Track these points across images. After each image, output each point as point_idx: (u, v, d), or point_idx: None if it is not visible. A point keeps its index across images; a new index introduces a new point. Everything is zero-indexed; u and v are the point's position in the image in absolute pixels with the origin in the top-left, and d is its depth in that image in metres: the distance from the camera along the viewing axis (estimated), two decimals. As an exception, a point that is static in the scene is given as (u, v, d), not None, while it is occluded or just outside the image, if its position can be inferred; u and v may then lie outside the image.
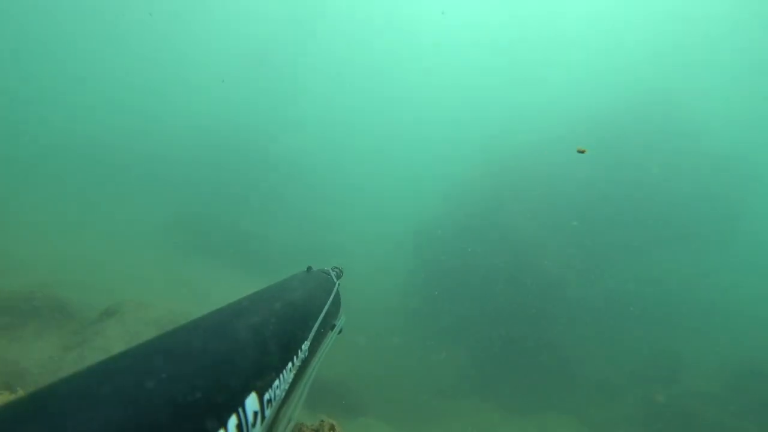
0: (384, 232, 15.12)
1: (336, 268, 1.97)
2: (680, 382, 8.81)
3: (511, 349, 8.81)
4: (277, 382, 0.98)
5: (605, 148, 11.39)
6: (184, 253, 11.63)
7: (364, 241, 14.58)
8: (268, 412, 0.91)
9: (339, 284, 1.77)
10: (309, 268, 1.75)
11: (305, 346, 1.17)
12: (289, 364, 1.06)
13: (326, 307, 1.43)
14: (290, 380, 1.05)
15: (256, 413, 0.85)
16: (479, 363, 8.92)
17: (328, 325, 1.47)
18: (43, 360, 4.70)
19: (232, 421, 0.75)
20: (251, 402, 0.83)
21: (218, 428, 0.70)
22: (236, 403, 0.78)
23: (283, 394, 1.01)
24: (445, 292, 10.10)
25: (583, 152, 8.04)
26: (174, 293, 8.40)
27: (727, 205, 11.36)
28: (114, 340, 5.02)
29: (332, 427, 1.46)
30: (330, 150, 23.79)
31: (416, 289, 10.90)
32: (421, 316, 10.30)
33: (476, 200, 11.69)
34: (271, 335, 1.01)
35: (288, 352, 1.07)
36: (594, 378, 8.62)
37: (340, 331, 1.57)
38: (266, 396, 0.91)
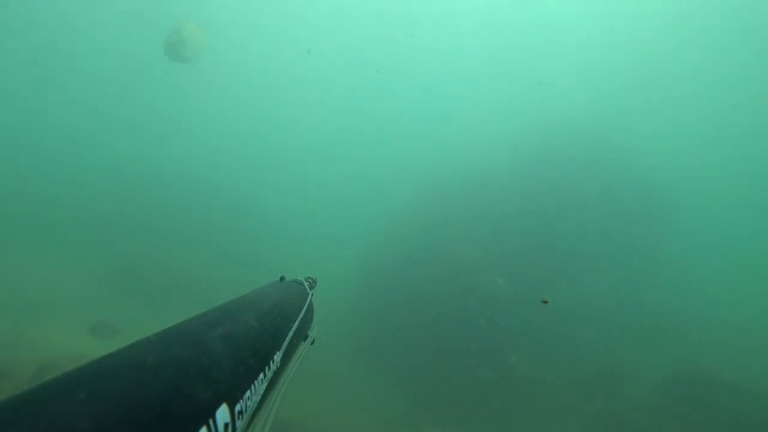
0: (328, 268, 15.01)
1: (310, 278, 1.94)
2: (620, 391, 9.14)
3: (455, 365, 8.90)
4: (248, 393, 0.96)
5: (541, 173, 12.10)
6: (118, 297, 11.01)
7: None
8: (239, 424, 0.89)
9: (313, 294, 1.74)
10: (282, 278, 1.72)
11: (277, 356, 1.15)
12: (261, 375, 1.04)
13: (299, 318, 1.41)
14: (262, 391, 1.03)
15: (227, 425, 0.83)
16: (426, 387, 8.97)
17: (301, 336, 1.45)
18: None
19: None
20: (222, 413, 0.82)
21: None
22: (207, 415, 0.77)
23: (255, 405, 0.99)
24: (390, 322, 10.11)
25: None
26: (109, 342, 7.90)
27: (655, 219, 12.35)
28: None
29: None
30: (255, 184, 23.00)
31: (363, 322, 10.83)
32: (368, 352, 10.24)
33: (417, 229, 11.86)
34: (243, 345, 1.00)
35: (260, 362, 1.06)
36: (537, 392, 8.84)
37: (313, 342, 1.56)
38: (237, 407, 0.89)
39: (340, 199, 23.99)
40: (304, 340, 1.53)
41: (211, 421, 0.77)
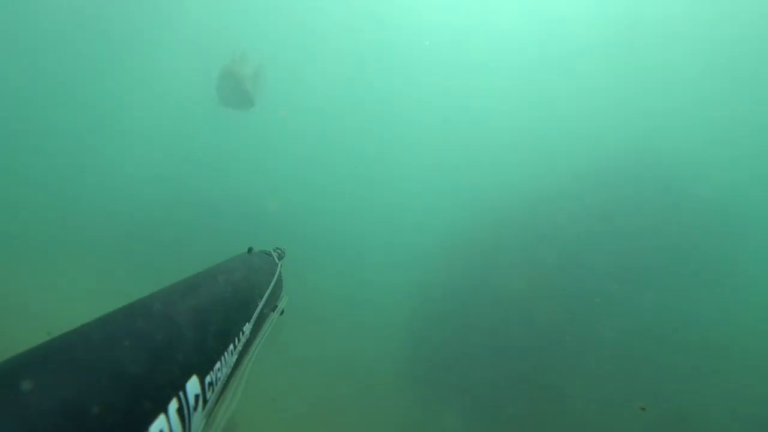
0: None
1: (278, 249, 1.95)
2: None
3: (514, 395, 8.54)
4: (218, 365, 0.97)
5: (598, 199, 11.50)
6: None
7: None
8: (209, 395, 0.91)
9: (281, 265, 1.74)
10: (250, 249, 1.73)
11: (247, 328, 1.16)
12: (231, 346, 1.06)
13: (269, 289, 1.43)
14: (232, 363, 1.04)
15: (197, 396, 0.84)
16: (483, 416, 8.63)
17: (270, 306, 1.46)
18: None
19: (173, 404, 0.74)
20: (192, 385, 0.83)
21: (158, 412, 0.70)
22: (177, 387, 0.78)
23: (226, 376, 1.00)
24: (446, 352, 9.86)
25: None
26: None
27: (721, 247, 11.24)
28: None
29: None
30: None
31: (418, 350, 10.61)
32: (425, 381, 9.96)
33: (470, 259, 11.49)
34: (212, 317, 1.01)
35: (229, 334, 1.07)
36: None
37: (282, 312, 1.55)
38: (207, 379, 0.91)
39: (392, 228, 23.39)
40: (273, 310, 1.53)
41: (181, 393, 0.78)
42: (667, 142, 15.88)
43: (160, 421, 0.69)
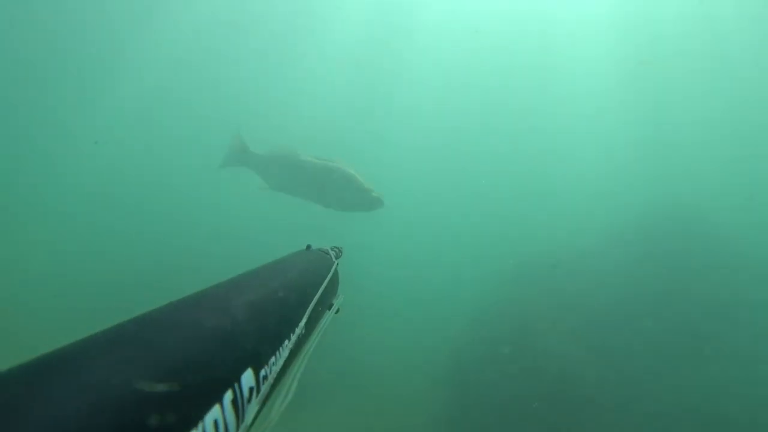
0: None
1: (336, 248, 1.94)
2: None
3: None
4: (273, 359, 0.98)
5: (640, 253, 11.20)
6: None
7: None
8: (263, 388, 0.91)
9: (338, 263, 1.73)
10: (308, 247, 1.74)
11: (302, 323, 1.16)
12: (286, 342, 1.06)
13: (324, 286, 1.41)
14: (286, 357, 1.04)
15: (251, 389, 0.85)
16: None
17: (325, 304, 1.46)
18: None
19: (228, 395, 0.75)
20: (247, 378, 0.84)
21: (214, 402, 0.71)
22: (232, 379, 0.79)
23: (279, 371, 1.00)
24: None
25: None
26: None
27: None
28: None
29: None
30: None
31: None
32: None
33: (506, 324, 10.73)
34: (268, 312, 1.03)
35: (285, 329, 1.08)
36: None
37: (337, 311, 1.54)
38: (262, 372, 0.92)
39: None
40: (329, 308, 1.52)
41: (236, 385, 0.80)
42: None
43: (215, 411, 0.70)
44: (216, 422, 0.70)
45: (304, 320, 1.18)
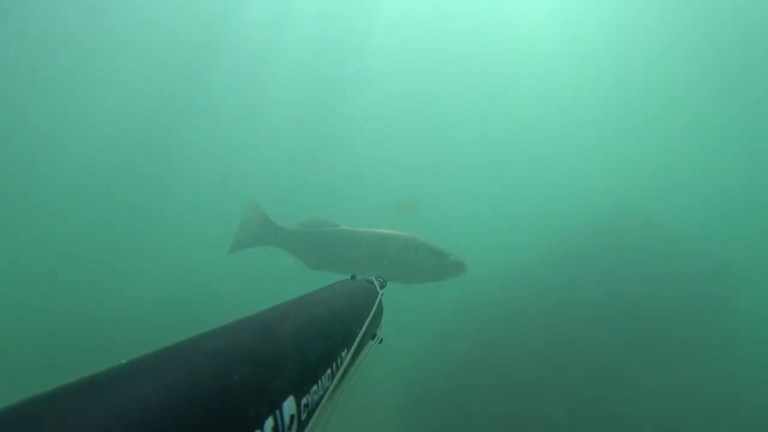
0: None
1: (380, 277, 1.95)
2: None
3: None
4: (315, 388, 0.98)
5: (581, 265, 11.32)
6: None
7: None
8: (304, 416, 0.92)
9: (383, 293, 1.74)
10: (353, 277, 1.75)
11: (345, 353, 1.17)
12: (328, 371, 1.07)
13: (369, 316, 1.43)
14: (328, 387, 1.05)
15: (292, 417, 0.85)
16: None
17: (369, 334, 1.46)
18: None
19: (269, 422, 0.75)
20: (288, 405, 0.84)
21: (255, 429, 0.71)
22: (274, 406, 0.79)
23: (321, 400, 1.01)
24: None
25: None
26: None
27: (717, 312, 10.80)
28: None
29: None
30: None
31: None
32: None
33: (465, 343, 10.81)
34: (312, 340, 1.04)
35: (328, 358, 1.08)
36: None
37: (381, 341, 1.55)
38: (304, 400, 0.92)
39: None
40: (372, 338, 1.53)
41: (278, 413, 0.79)
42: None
43: None
44: None
45: (348, 350, 1.18)
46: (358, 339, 1.26)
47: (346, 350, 1.19)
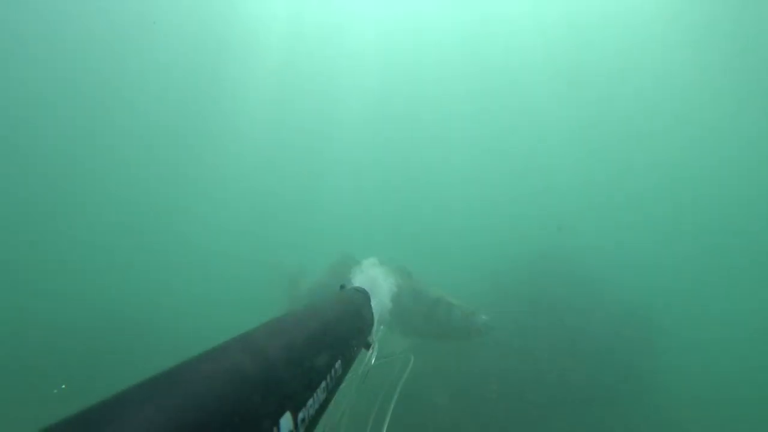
0: None
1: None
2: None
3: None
4: (311, 401, 0.98)
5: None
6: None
7: None
8: (302, 430, 0.91)
9: (372, 302, 1.74)
10: (342, 286, 1.74)
11: (339, 364, 1.17)
12: (323, 383, 1.07)
13: (360, 325, 1.42)
14: (324, 399, 1.05)
15: None
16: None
17: (362, 343, 1.45)
18: None
19: None
20: (285, 421, 0.84)
21: None
22: (270, 423, 0.79)
23: (318, 413, 1.01)
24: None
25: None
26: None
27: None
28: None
29: None
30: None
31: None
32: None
33: None
34: (305, 354, 1.03)
35: (322, 370, 1.08)
36: None
37: (372, 349, 1.53)
38: (300, 415, 0.92)
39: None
40: (366, 347, 1.53)
41: (275, 429, 0.80)
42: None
43: None
44: None
45: (341, 361, 1.18)
46: (347, 349, 1.26)
47: (339, 361, 1.19)
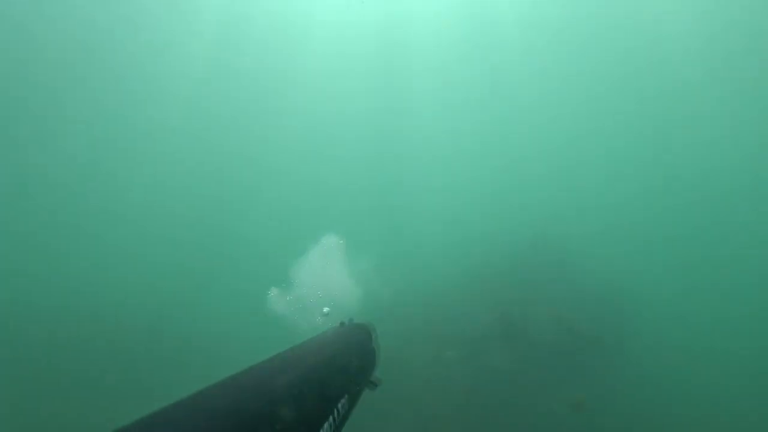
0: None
1: (370, 322, 1.92)
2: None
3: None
4: None
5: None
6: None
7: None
8: None
9: (375, 338, 1.72)
10: (342, 323, 1.71)
11: (342, 402, 1.15)
12: (326, 423, 1.04)
13: (363, 363, 1.40)
14: None
15: None
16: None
17: (365, 380, 1.43)
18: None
19: None
20: None
21: None
22: None
23: None
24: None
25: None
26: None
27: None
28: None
29: None
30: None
31: None
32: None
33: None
34: (308, 392, 1.00)
35: (326, 409, 1.05)
36: None
37: (376, 387, 1.51)
38: None
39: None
40: (369, 383, 1.49)
41: None
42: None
43: None
44: None
45: (345, 399, 1.15)
46: (352, 386, 1.21)
47: (343, 399, 1.14)
